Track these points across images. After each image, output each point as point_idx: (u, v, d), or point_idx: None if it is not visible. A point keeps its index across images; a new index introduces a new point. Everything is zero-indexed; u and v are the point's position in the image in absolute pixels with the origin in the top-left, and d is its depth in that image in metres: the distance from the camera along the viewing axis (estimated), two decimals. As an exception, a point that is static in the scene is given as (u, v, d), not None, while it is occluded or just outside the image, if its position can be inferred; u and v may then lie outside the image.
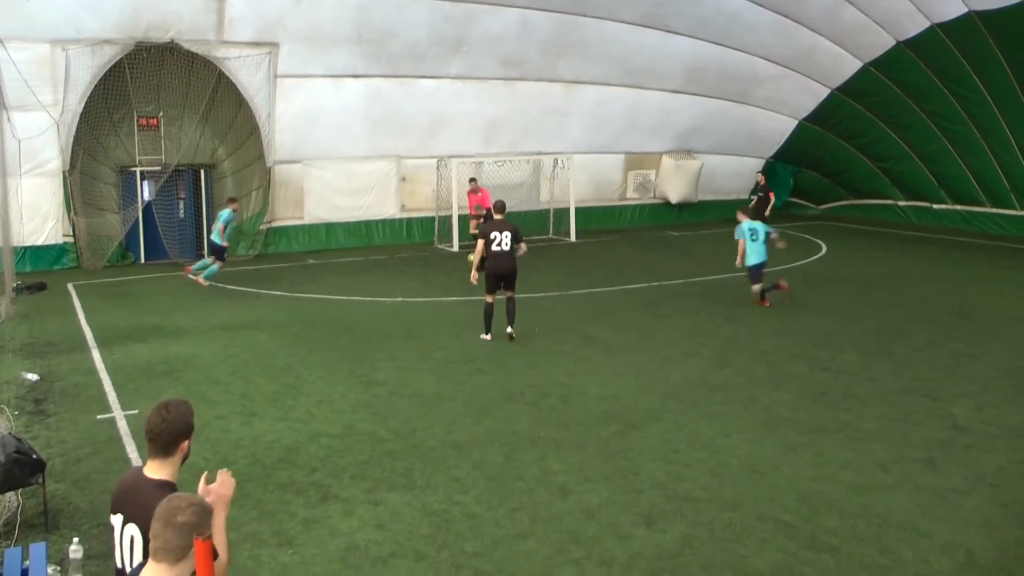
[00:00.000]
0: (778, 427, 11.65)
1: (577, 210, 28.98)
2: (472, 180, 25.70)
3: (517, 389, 13.14)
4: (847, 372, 14.15)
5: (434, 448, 10.83)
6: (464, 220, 26.05)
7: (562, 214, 29.42)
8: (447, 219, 27.23)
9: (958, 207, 31.07)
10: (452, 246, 26.79)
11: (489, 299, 15.83)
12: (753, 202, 28.10)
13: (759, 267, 18.66)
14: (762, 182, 28.83)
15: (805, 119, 31.88)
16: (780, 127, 32.34)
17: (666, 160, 31.73)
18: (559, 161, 29.21)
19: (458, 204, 26.64)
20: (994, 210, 29.91)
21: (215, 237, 21.40)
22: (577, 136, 29.58)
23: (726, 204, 33.51)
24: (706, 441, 11.15)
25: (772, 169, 33.74)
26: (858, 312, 18.36)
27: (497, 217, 16.22)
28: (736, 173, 33.63)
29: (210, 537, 3.69)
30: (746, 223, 18.89)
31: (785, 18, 27.75)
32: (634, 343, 15.87)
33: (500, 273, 15.67)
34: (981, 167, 29.39)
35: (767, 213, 26.49)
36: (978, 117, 28.14)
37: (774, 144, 33.00)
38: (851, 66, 29.39)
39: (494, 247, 15.58)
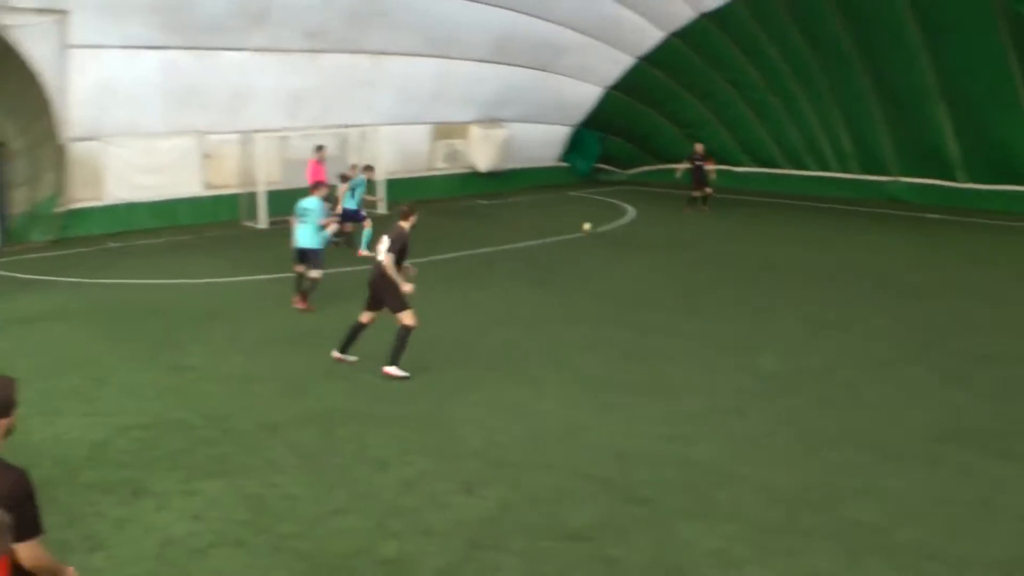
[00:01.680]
0: (591, 388, 11.88)
1: (386, 182, 28.68)
2: (320, 148, 24.52)
3: (332, 365, 12.93)
4: (656, 330, 14.56)
5: (248, 431, 10.52)
6: (275, 196, 25.32)
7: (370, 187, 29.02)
8: (253, 196, 26.48)
9: (759, 169, 32.40)
10: (259, 223, 26.08)
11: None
12: (685, 171, 28.67)
13: (305, 251, 16.28)
14: (700, 151, 28.35)
15: (611, 87, 32.49)
16: (587, 95, 32.84)
17: (474, 129, 31.76)
18: (365, 133, 28.83)
19: (267, 179, 25.93)
20: (792, 171, 31.35)
21: (346, 203, 21.50)
22: (385, 108, 29.18)
23: (535, 171, 34.00)
24: (522, 406, 11.26)
25: (580, 136, 34.32)
26: (667, 272, 18.93)
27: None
28: (544, 141, 34.01)
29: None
30: (303, 201, 16.27)
31: (591, -12, 28.16)
32: (449, 313, 15.81)
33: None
34: (778, 132, 30.73)
35: (707, 182, 27.48)
36: (775, 85, 29.36)
37: (581, 112, 33.50)
38: (654, 36, 30.09)
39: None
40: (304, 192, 17.41)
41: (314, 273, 16.20)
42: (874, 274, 18.56)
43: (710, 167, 28.16)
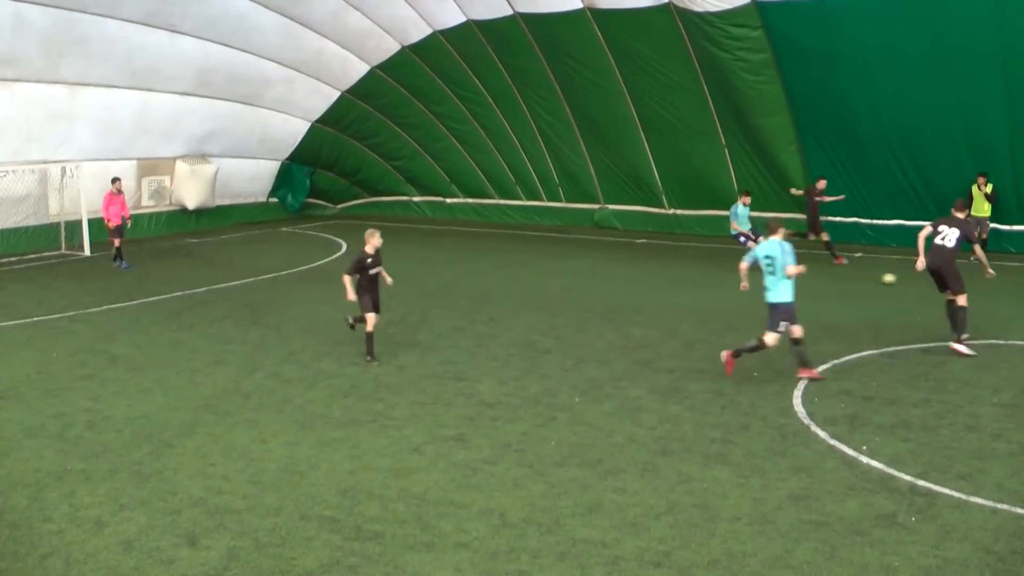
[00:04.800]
0: (313, 425, 11.67)
1: (91, 222, 27.10)
2: (115, 180, 23.21)
3: (38, 422, 11.96)
4: (376, 364, 14.51)
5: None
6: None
7: (75, 227, 27.39)
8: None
9: (469, 200, 33.12)
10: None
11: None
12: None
13: None
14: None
15: (317, 121, 32.29)
16: (293, 129, 32.46)
17: (180, 165, 30.60)
18: (67, 170, 27.16)
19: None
20: (502, 201, 32.27)
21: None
22: (86, 142, 27.60)
23: (245, 208, 33.23)
24: (243, 449, 10.88)
25: (289, 171, 33.83)
26: (383, 305, 18.87)
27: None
28: (252, 176, 33.29)
29: None
30: None
31: (292, 21, 27.89)
32: (160, 358, 15.12)
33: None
34: (487, 163, 31.58)
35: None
36: (481, 117, 30.21)
37: (289, 146, 33.06)
38: (359, 69, 30.22)
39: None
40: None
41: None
42: (587, 298, 19.33)
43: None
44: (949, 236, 14.42)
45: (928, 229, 14.68)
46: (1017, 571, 7.81)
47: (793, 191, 24.53)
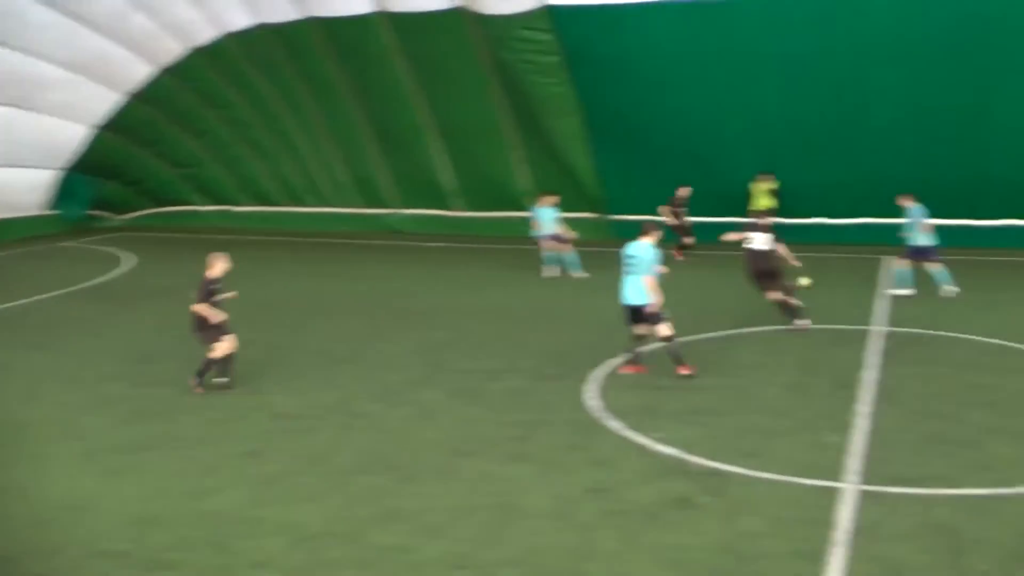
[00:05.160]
0: (98, 455, 11.07)
1: None
2: None
3: None
4: (165, 383, 13.83)
5: None
6: None
7: None
8: None
9: (259, 208, 32.29)
10: None
11: None
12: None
13: None
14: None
15: (100, 127, 30.68)
16: (74, 135, 30.61)
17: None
18: None
19: None
20: (293, 208, 31.61)
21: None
22: None
23: (21, 222, 31.28)
24: (20, 487, 10.17)
25: (69, 180, 32.03)
26: (172, 321, 18.16)
27: None
28: (29, 187, 31.22)
29: None
30: None
31: (72, 20, 26.33)
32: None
33: None
34: (277, 169, 30.86)
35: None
36: (273, 122, 29.45)
37: (69, 153, 31.20)
38: (144, 72, 28.88)
39: None
40: None
41: None
42: (380, 304, 19.21)
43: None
44: (758, 241, 15.80)
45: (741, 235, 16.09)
46: (801, 535, 8.35)
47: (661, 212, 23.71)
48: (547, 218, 22.29)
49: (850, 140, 22.75)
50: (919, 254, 18.07)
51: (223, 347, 13.40)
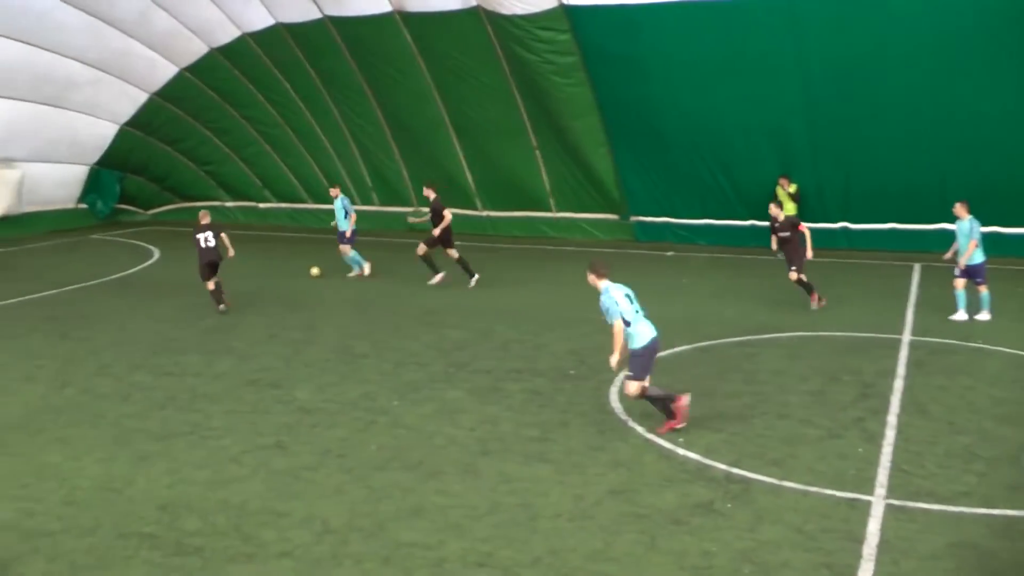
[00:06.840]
0: (129, 440, 11.31)
1: None
2: None
3: None
4: (192, 374, 14.14)
5: None
6: None
7: None
8: None
9: (283, 205, 32.56)
10: None
11: None
12: None
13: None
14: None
15: (126, 124, 31.05)
16: (102, 133, 31.05)
17: (-17, 170, 28.97)
18: None
19: None
20: (315, 206, 31.82)
21: None
22: None
23: (53, 215, 31.71)
24: (55, 469, 10.44)
25: (98, 176, 32.43)
26: (195, 313, 18.42)
27: None
28: (61, 182, 31.68)
29: None
30: None
31: (97, 19, 26.70)
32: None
33: None
34: (299, 167, 31.10)
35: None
36: (292, 121, 29.71)
37: (97, 150, 31.62)
38: (167, 71, 29.25)
39: None
40: None
41: None
42: (402, 302, 19.31)
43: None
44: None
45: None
46: (826, 547, 8.32)
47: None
48: (340, 210, 22.65)
49: (867, 140, 22.31)
50: (972, 273, 16.63)
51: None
